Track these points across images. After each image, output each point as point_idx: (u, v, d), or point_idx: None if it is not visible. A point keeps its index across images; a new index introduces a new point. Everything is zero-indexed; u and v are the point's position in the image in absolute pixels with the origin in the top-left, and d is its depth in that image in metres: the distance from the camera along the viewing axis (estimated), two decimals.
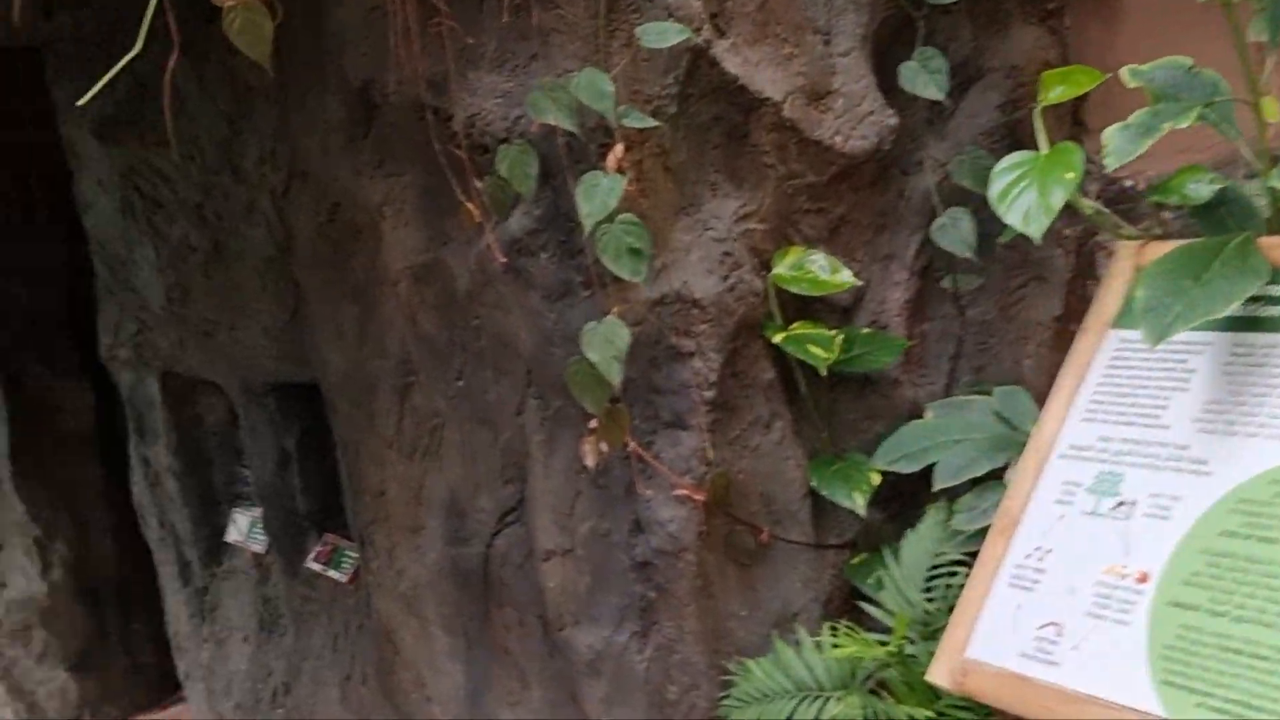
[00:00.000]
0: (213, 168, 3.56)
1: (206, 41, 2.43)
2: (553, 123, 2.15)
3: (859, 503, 2.33)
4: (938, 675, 1.97)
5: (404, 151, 2.59)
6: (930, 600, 2.20)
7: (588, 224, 2.13)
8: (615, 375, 2.17)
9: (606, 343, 2.16)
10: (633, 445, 2.29)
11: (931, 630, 2.13)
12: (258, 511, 4.57)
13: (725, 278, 2.33)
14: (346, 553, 4.12)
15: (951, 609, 2.05)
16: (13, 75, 4.72)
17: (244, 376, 4.16)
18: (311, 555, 4.29)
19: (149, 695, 6.01)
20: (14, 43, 4.09)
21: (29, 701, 5.70)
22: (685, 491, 2.30)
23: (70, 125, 4.14)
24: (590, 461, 2.32)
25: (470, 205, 2.34)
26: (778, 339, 2.37)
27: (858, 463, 2.42)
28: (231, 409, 4.52)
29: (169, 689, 5.71)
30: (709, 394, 2.32)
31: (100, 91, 1.95)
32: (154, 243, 4.06)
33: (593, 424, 2.29)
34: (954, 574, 2.19)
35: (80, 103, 2.04)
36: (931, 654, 2.03)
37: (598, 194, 2.12)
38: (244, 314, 3.86)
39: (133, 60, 1.95)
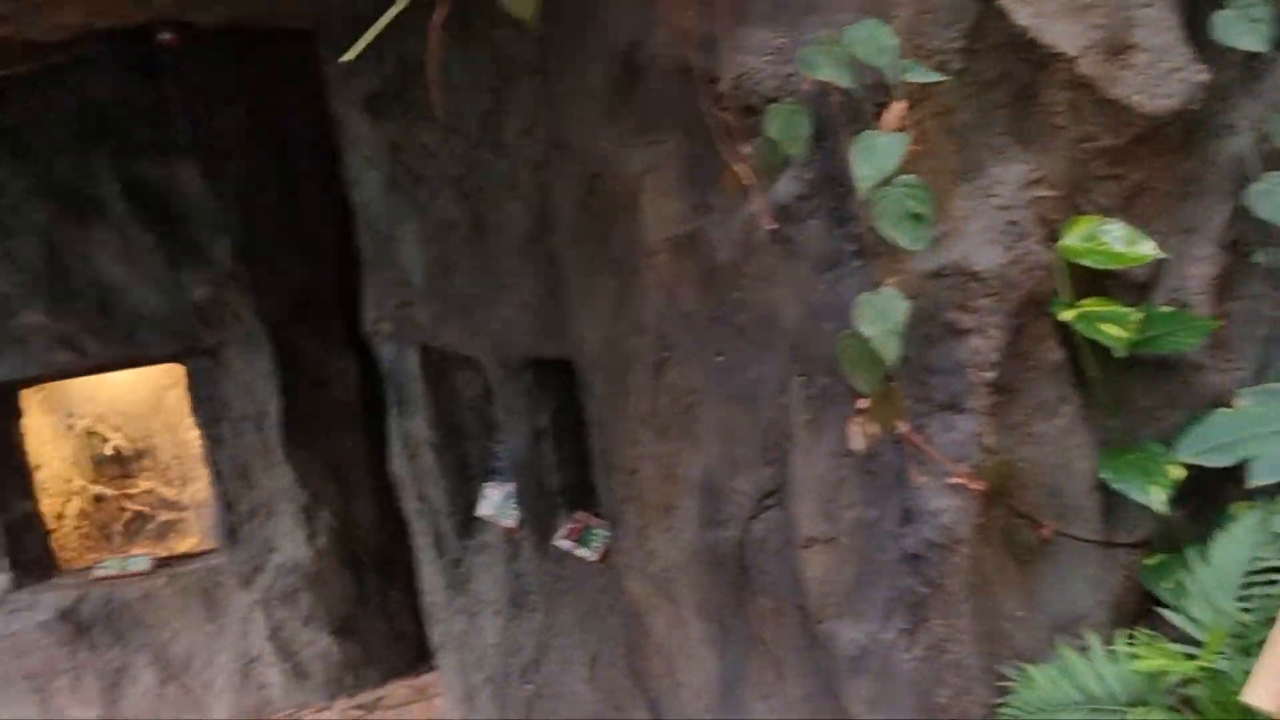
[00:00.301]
0: (474, 141, 3.60)
1: (470, 13, 2.41)
2: (827, 79, 2.04)
3: (1157, 498, 2.12)
4: (1257, 696, 1.76)
5: (666, 117, 2.52)
6: (1246, 610, 1.98)
7: (863, 187, 1.99)
8: (892, 351, 2.03)
9: (882, 316, 2.03)
10: (905, 428, 2.15)
11: (1247, 644, 1.92)
12: (510, 486, 4.63)
13: (1009, 249, 2.17)
14: (596, 531, 4.12)
15: (1272, 621, 1.84)
16: (285, 57, 4.92)
17: (501, 352, 4.21)
18: (561, 532, 4.31)
19: (405, 662, 6.23)
20: (287, 24, 4.26)
21: (295, 662, 5.98)
22: (961, 480, 2.15)
23: (340, 103, 4.27)
24: (858, 444, 2.20)
25: (737, 168, 2.24)
26: (1067, 316, 2.19)
27: (1155, 454, 2.22)
28: (487, 384, 4.58)
29: (424, 657, 5.89)
30: (989, 375, 2.17)
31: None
32: (417, 218, 4.15)
33: (861, 404, 2.17)
34: (1273, 582, 1.97)
35: (344, 59, 2.04)
36: (1246, 671, 1.83)
37: (875, 155, 1.98)
38: (502, 289, 3.90)
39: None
